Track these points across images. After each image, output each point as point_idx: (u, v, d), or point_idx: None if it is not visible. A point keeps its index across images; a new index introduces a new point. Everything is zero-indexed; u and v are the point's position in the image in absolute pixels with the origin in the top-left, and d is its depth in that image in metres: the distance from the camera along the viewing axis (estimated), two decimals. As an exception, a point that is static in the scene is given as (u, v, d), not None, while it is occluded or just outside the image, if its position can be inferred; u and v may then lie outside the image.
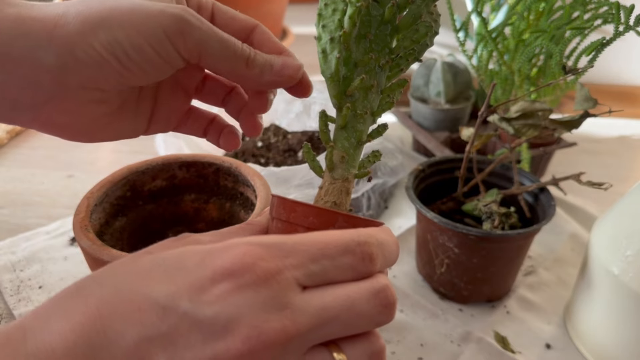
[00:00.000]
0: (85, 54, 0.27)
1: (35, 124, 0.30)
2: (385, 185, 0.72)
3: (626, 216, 0.46)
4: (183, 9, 0.28)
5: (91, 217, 0.43)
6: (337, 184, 0.29)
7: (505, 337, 0.52)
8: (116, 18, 0.27)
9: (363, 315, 0.21)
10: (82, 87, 0.28)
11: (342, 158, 0.29)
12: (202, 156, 0.51)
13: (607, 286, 0.46)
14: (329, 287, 0.22)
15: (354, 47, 0.29)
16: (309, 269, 0.21)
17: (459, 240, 0.51)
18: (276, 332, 0.19)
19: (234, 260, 0.20)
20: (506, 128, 0.52)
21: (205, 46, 0.28)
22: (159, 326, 0.19)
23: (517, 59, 0.66)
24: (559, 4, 0.66)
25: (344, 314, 0.21)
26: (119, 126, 0.33)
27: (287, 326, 0.19)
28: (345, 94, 0.29)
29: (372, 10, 0.29)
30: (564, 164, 0.86)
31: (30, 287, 0.55)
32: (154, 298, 0.19)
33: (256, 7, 1.17)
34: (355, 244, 0.22)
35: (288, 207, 0.26)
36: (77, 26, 0.26)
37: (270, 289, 0.20)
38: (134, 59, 0.27)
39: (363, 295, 0.22)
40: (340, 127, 0.30)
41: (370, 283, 0.22)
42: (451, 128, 0.84)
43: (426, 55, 1.05)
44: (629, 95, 1.09)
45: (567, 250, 0.66)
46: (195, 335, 0.19)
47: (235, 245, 0.21)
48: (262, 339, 0.19)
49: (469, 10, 0.72)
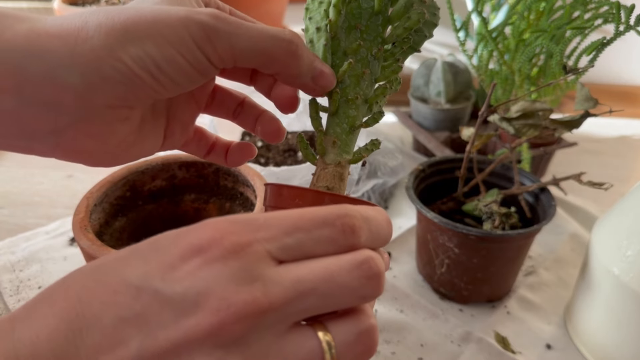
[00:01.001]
0: (115, 70, 0.24)
1: (58, 152, 0.27)
2: (385, 185, 0.72)
3: (627, 216, 0.46)
4: (208, 14, 0.25)
5: (91, 217, 0.43)
6: (330, 169, 0.29)
7: (505, 338, 0.52)
8: (142, 29, 0.24)
9: (344, 287, 0.20)
10: (109, 107, 0.26)
11: (334, 143, 0.29)
12: (201, 156, 0.51)
13: (608, 286, 0.46)
14: (307, 261, 0.20)
15: (343, 37, 0.29)
16: (283, 242, 0.20)
17: (459, 241, 0.51)
18: (246, 303, 0.18)
19: (202, 236, 0.19)
20: (506, 128, 0.52)
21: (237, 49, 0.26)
22: (133, 306, 0.19)
23: (518, 58, 0.66)
24: (559, 3, 0.66)
25: (322, 285, 0.20)
26: (141, 145, 0.30)
27: (258, 298, 0.19)
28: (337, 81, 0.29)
29: (362, 3, 0.29)
30: (564, 164, 0.86)
31: (30, 288, 0.55)
32: (129, 280, 0.19)
33: (256, 7, 1.17)
34: (335, 216, 0.21)
35: (275, 192, 0.26)
36: (102, 40, 0.24)
37: (240, 261, 0.19)
38: (166, 71, 0.25)
39: (343, 267, 0.20)
40: (331, 113, 0.29)
41: (352, 255, 0.21)
42: (451, 128, 0.84)
43: (426, 55, 1.05)
44: (629, 95, 1.09)
45: (567, 250, 0.66)
46: (167, 313, 0.18)
47: (205, 223, 0.20)
48: (231, 310, 0.18)
49: (469, 9, 0.72)
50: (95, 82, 0.24)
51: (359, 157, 0.30)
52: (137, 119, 0.28)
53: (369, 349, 0.21)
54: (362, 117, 0.30)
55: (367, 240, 0.22)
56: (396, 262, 0.62)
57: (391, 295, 0.57)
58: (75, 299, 0.19)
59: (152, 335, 0.18)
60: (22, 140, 0.26)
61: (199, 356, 0.18)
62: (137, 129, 0.29)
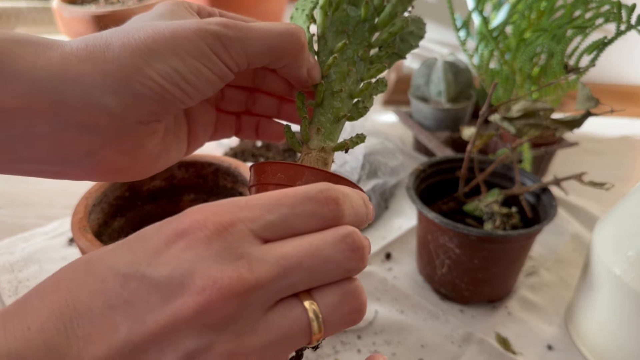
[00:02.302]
0: (145, 87, 0.25)
1: (94, 173, 0.28)
2: (385, 185, 0.72)
3: (628, 216, 0.46)
4: (218, 24, 0.27)
5: (89, 218, 0.42)
6: (314, 154, 0.30)
7: (506, 338, 0.51)
8: (164, 45, 0.25)
9: (329, 261, 0.21)
10: (140, 123, 0.27)
11: (318, 130, 0.31)
12: (201, 156, 0.50)
13: (609, 287, 0.46)
14: (291, 238, 0.21)
15: (330, 38, 0.31)
16: (266, 219, 0.21)
17: (460, 241, 0.51)
18: (232, 280, 0.19)
19: (186, 221, 0.20)
20: (507, 128, 0.52)
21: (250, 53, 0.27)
22: (121, 293, 0.19)
23: (519, 58, 0.66)
24: (560, 3, 0.66)
25: (307, 260, 0.20)
26: (167, 154, 0.31)
27: (243, 274, 0.19)
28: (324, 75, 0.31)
29: (350, 12, 0.31)
30: (565, 164, 0.85)
31: (29, 288, 0.55)
32: (116, 268, 0.19)
33: (256, 6, 1.16)
34: (317, 190, 0.22)
35: (259, 170, 0.27)
36: (128, 59, 0.25)
37: (224, 240, 0.19)
38: (193, 82, 0.26)
39: (327, 241, 0.21)
40: (317, 104, 0.31)
41: (336, 230, 0.21)
42: (452, 128, 0.84)
43: (427, 55, 1.05)
44: (630, 94, 1.09)
45: (568, 250, 0.66)
46: (154, 296, 0.19)
47: (189, 210, 0.21)
48: (217, 287, 0.18)
49: (470, 9, 0.71)
50: (128, 100, 0.25)
51: (342, 144, 0.31)
52: (162, 131, 0.30)
53: (356, 309, 0.22)
54: (347, 110, 0.32)
55: (350, 215, 0.22)
56: (397, 263, 0.62)
57: (392, 296, 0.57)
58: (65, 290, 0.19)
59: (140, 320, 0.18)
60: (58, 165, 0.27)
61: (188, 337, 0.19)
62: (162, 140, 0.30)
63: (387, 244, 0.65)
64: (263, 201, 0.21)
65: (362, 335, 0.51)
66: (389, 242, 0.65)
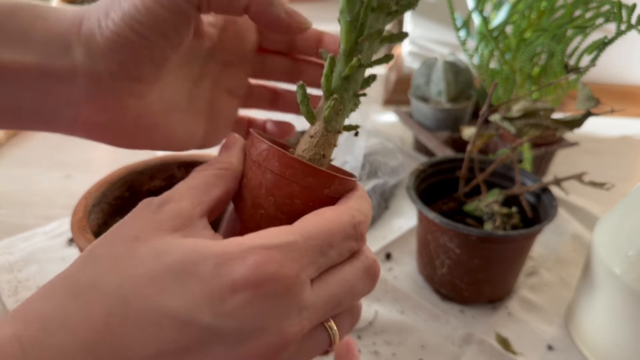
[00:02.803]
0: (104, 38, 0.26)
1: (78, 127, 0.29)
2: (386, 185, 0.72)
3: (628, 216, 0.46)
4: None
5: (89, 218, 0.42)
6: (329, 137, 0.29)
7: (506, 339, 0.51)
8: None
9: (358, 294, 0.24)
10: (114, 79, 0.27)
11: (340, 110, 0.28)
12: (201, 156, 0.50)
13: (609, 287, 0.46)
14: (330, 271, 0.23)
15: None
16: (319, 263, 0.22)
17: (460, 241, 0.51)
18: (295, 334, 0.21)
19: (254, 270, 0.20)
20: (508, 128, 0.51)
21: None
22: (179, 340, 0.19)
23: (519, 58, 0.66)
24: (560, 2, 0.66)
25: (347, 299, 0.23)
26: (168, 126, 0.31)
27: (304, 327, 0.21)
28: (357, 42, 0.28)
29: None
30: (565, 163, 0.85)
31: (28, 288, 0.55)
32: (172, 313, 0.19)
33: None
34: (352, 227, 0.24)
35: (284, 162, 0.26)
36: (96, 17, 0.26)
37: (292, 294, 0.21)
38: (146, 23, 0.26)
39: (359, 276, 0.24)
40: (345, 76, 0.28)
41: (362, 261, 0.24)
42: (452, 127, 0.84)
43: (427, 55, 1.05)
44: (631, 94, 1.09)
45: (569, 250, 0.65)
46: (218, 346, 0.19)
47: (250, 250, 0.20)
48: (284, 342, 0.20)
49: (470, 9, 0.71)
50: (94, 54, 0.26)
51: (353, 126, 0.30)
52: (154, 99, 0.30)
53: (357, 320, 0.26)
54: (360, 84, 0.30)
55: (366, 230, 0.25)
56: (397, 263, 0.62)
57: (392, 296, 0.56)
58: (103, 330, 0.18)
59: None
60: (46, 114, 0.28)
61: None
62: (161, 113, 0.30)
63: (387, 244, 0.65)
64: (316, 243, 0.22)
65: (362, 336, 0.51)
66: (389, 242, 0.65)
